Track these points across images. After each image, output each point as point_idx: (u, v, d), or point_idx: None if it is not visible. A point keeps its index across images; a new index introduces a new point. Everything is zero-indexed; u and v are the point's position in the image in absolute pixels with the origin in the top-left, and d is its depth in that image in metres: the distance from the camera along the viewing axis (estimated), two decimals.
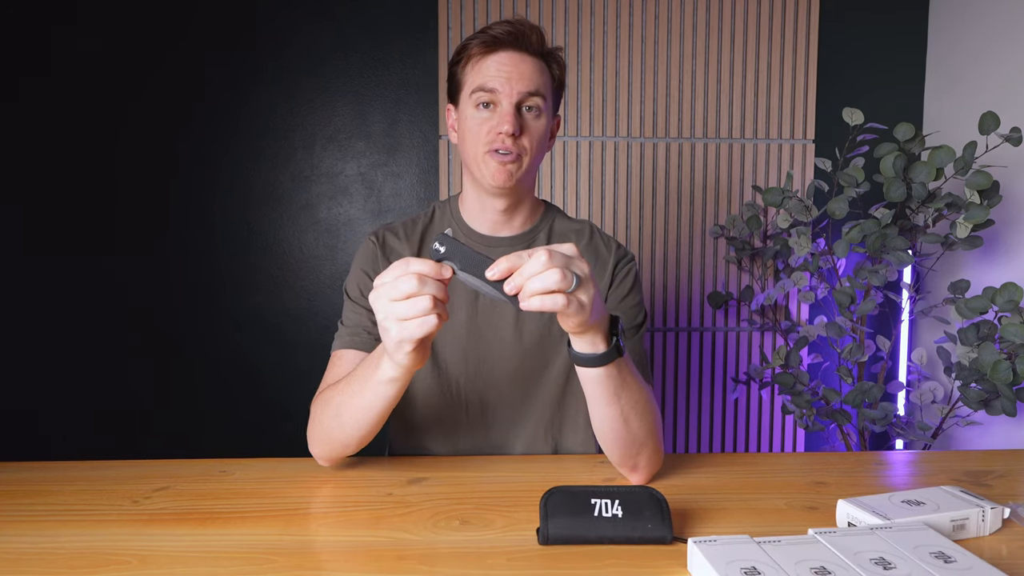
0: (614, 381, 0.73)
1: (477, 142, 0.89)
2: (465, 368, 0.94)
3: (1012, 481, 0.81)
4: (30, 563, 0.60)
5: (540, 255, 0.60)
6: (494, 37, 0.86)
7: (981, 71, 1.83)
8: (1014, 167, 1.66)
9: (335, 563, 0.61)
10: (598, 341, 0.69)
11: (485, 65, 0.87)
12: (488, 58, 0.87)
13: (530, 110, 0.88)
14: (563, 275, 0.60)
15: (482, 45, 0.87)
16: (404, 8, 1.98)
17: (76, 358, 2.04)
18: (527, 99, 0.87)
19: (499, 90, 0.86)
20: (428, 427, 0.96)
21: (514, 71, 0.86)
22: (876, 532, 0.59)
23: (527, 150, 0.88)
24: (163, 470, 0.84)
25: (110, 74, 1.97)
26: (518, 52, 0.87)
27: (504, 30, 0.86)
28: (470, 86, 0.88)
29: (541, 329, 0.94)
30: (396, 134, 2.03)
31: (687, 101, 2.00)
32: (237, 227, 2.03)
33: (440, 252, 0.62)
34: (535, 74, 0.87)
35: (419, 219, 1.01)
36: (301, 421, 0.86)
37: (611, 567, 0.59)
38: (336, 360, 0.90)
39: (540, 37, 0.88)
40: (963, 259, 1.84)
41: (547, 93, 0.89)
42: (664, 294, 2.03)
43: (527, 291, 0.60)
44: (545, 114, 0.90)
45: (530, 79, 0.86)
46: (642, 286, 1.03)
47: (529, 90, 0.86)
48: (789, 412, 1.77)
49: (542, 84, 0.88)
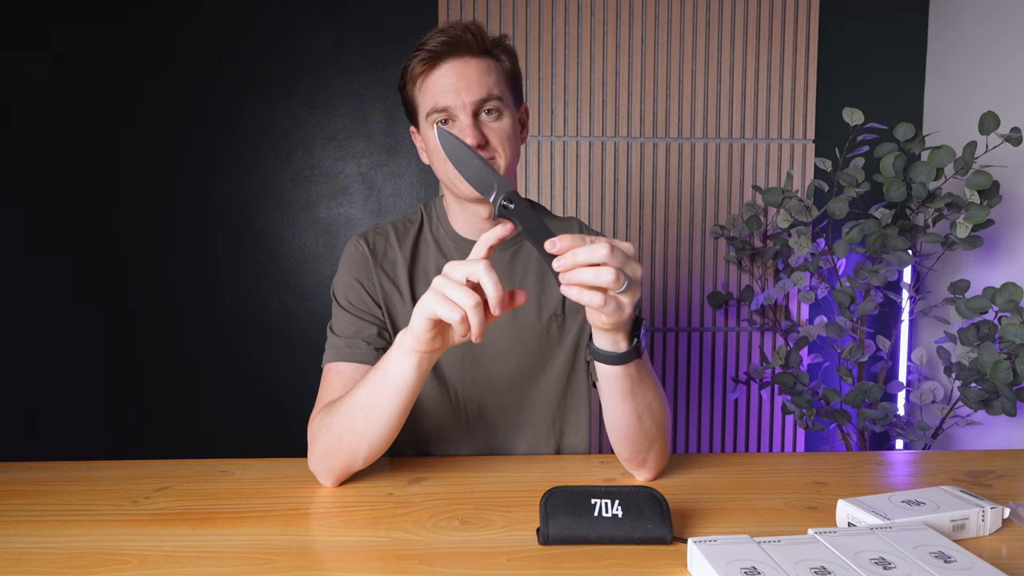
0: (631, 380, 0.73)
1: (445, 161, 0.85)
2: (462, 375, 0.93)
3: (1012, 481, 0.81)
4: (30, 563, 0.60)
5: (601, 247, 0.58)
6: (431, 52, 0.83)
7: (981, 71, 1.83)
8: (1014, 167, 1.66)
9: (335, 563, 0.61)
10: (620, 340, 0.69)
11: (431, 82, 0.84)
12: (432, 74, 0.84)
13: (489, 113, 0.85)
14: (617, 276, 0.59)
15: (422, 63, 0.84)
16: (404, 8, 1.98)
17: (76, 358, 2.04)
18: (483, 104, 0.84)
19: (451, 106, 0.83)
20: (430, 436, 0.96)
21: (461, 82, 0.83)
22: (876, 532, 0.59)
23: (498, 152, 0.86)
24: (163, 470, 0.84)
25: (111, 74, 1.97)
26: (460, 59, 0.84)
27: (439, 41, 0.83)
28: (424, 109, 0.86)
29: (539, 332, 0.94)
30: (396, 134, 2.03)
31: (687, 101, 2.00)
32: (237, 227, 2.03)
33: (509, 208, 0.63)
34: (483, 76, 0.84)
35: (410, 224, 0.98)
36: (301, 422, 0.86)
37: (611, 567, 0.59)
38: (332, 376, 0.87)
39: (478, 34, 0.84)
40: (963, 259, 1.84)
41: (502, 90, 0.86)
42: (664, 294, 2.03)
43: (574, 279, 0.59)
44: (507, 110, 0.87)
45: (479, 84, 0.83)
46: None
47: (482, 96, 0.83)
48: (789, 412, 1.77)
49: (494, 84, 0.85)
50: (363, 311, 0.91)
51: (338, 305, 0.93)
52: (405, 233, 0.97)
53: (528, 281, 0.96)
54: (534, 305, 0.95)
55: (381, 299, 0.92)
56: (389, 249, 0.95)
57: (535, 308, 0.95)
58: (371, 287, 0.92)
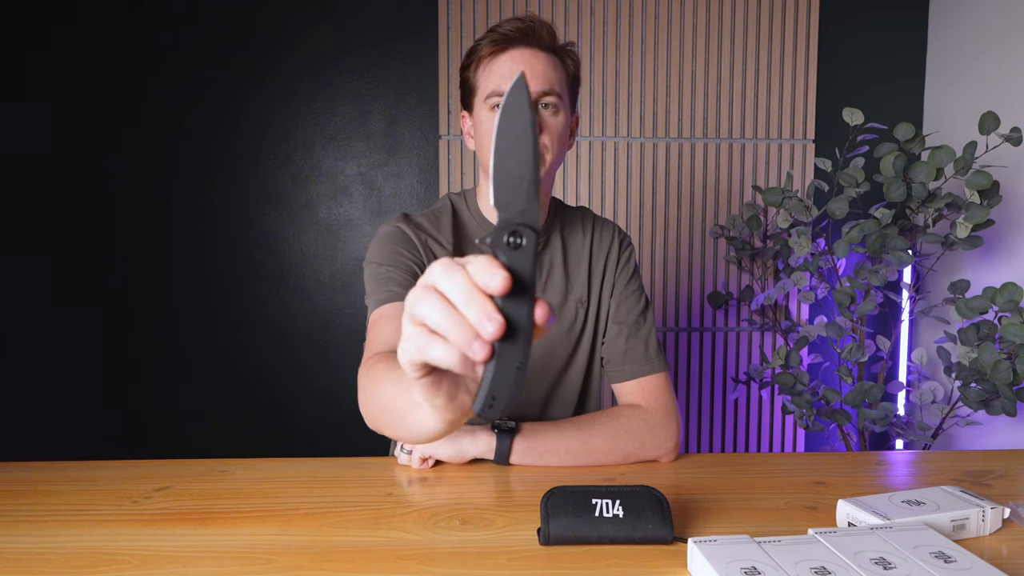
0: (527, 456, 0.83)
1: None
2: None
3: (1012, 481, 0.81)
4: (30, 563, 0.60)
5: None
6: (504, 35, 0.83)
7: (981, 70, 1.83)
8: (1014, 167, 1.66)
9: (335, 563, 0.61)
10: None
11: (496, 66, 0.84)
12: (499, 58, 0.84)
13: (547, 107, 0.84)
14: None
15: (492, 44, 0.83)
16: (404, 8, 1.98)
17: (76, 358, 2.04)
18: (543, 97, 0.83)
19: None
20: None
21: (528, 69, 0.82)
22: (876, 532, 0.59)
23: (548, 148, 0.85)
24: (163, 470, 0.84)
25: (110, 74, 1.97)
26: (530, 49, 0.83)
27: (514, 27, 0.83)
28: (483, 91, 0.85)
29: (568, 318, 0.95)
30: (396, 134, 2.03)
31: (687, 101, 2.00)
32: (237, 227, 2.03)
33: (516, 245, 0.39)
34: (549, 71, 0.84)
35: (441, 213, 0.95)
36: (301, 422, 0.86)
37: (611, 567, 0.59)
38: (376, 323, 0.82)
39: (551, 32, 0.85)
40: (963, 259, 1.84)
41: (563, 90, 0.86)
42: (664, 294, 2.03)
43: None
44: (563, 111, 0.86)
45: (544, 76, 0.83)
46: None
47: (544, 88, 0.83)
48: (789, 412, 1.77)
49: (557, 81, 0.85)
50: (402, 267, 0.87)
51: (370, 267, 0.88)
52: (438, 221, 0.94)
53: (555, 270, 0.97)
54: (561, 291, 0.96)
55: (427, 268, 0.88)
56: (434, 231, 0.92)
57: (561, 293, 0.96)
58: (417, 258, 0.88)
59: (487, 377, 0.38)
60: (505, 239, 0.39)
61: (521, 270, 0.38)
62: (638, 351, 0.93)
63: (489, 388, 0.38)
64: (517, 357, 0.38)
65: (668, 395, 0.91)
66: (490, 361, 0.37)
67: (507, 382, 0.38)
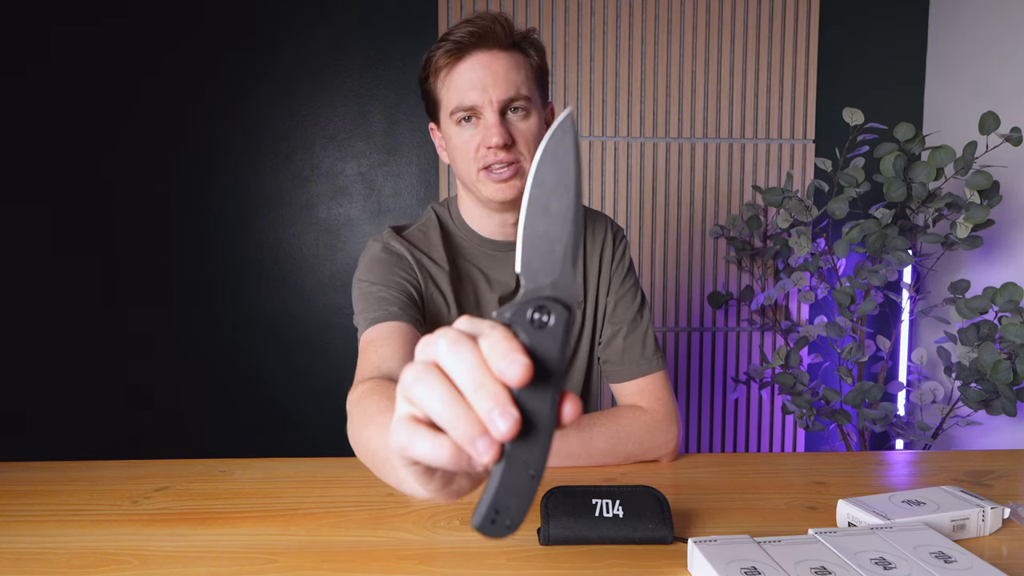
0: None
1: (468, 161, 0.81)
2: None
3: (1012, 481, 0.81)
4: (30, 563, 0.60)
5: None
6: (457, 43, 0.78)
7: (981, 71, 1.83)
8: (1014, 167, 1.66)
9: (335, 563, 0.61)
10: None
11: (456, 76, 0.79)
12: (457, 68, 0.79)
13: (516, 111, 0.80)
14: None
15: (447, 55, 0.78)
16: (404, 8, 1.98)
17: (76, 358, 2.04)
18: (510, 103, 0.79)
19: (478, 103, 0.78)
20: None
21: (488, 76, 0.77)
22: (876, 532, 0.59)
23: (524, 155, 0.81)
24: (163, 470, 0.84)
25: (109, 74, 1.97)
26: (487, 52, 0.78)
27: (466, 32, 0.77)
28: (447, 106, 0.81)
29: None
30: (396, 134, 2.03)
31: (687, 101, 2.00)
32: (237, 227, 2.03)
33: (542, 324, 0.31)
34: (511, 72, 0.79)
35: (428, 227, 0.92)
36: (301, 422, 0.86)
37: (611, 567, 0.59)
38: (367, 346, 0.78)
39: (508, 26, 0.79)
40: (963, 259, 1.84)
41: (530, 88, 0.81)
42: (664, 294, 2.03)
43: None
44: (534, 110, 0.82)
45: (507, 80, 0.78)
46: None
47: (510, 95, 0.78)
48: (789, 412, 1.77)
49: (522, 81, 0.80)
50: (395, 286, 0.83)
51: (364, 285, 0.84)
52: (426, 238, 0.90)
53: None
54: None
55: (423, 289, 0.85)
56: (426, 250, 0.88)
57: None
58: (412, 277, 0.85)
59: (492, 484, 0.30)
60: (529, 316, 0.31)
61: (545, 354, 0.31)
62: (636, 351, 0.93)
63: (493, 499, 0.30)
64: (532, 463, 0.30)
65: (668, 395, 0.91)
66: (497, 463, 0.30)
67: (516, 493, 0.30)
